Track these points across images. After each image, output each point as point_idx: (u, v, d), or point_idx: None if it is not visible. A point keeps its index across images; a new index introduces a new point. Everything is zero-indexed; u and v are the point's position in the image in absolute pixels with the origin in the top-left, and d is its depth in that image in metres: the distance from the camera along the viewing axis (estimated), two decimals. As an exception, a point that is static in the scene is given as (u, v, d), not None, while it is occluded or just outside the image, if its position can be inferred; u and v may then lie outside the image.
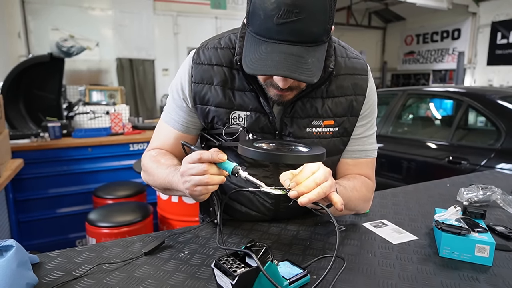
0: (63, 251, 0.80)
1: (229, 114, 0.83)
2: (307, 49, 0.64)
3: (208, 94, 0.82)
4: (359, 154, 0.90)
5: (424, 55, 10.65)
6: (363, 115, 0.87)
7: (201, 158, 0.66)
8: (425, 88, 3.35)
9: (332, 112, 0.83)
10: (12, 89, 2.90)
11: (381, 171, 2.92)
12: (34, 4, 5.06)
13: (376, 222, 0.95)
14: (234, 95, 0.82)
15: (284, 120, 0.82)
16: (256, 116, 0.81)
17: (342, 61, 0.84)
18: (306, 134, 0.83)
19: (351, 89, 0.83)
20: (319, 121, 0.82)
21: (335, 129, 0.84)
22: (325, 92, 0.82)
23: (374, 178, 0.94)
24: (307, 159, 0.61)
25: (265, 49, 0.64)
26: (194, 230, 0.91)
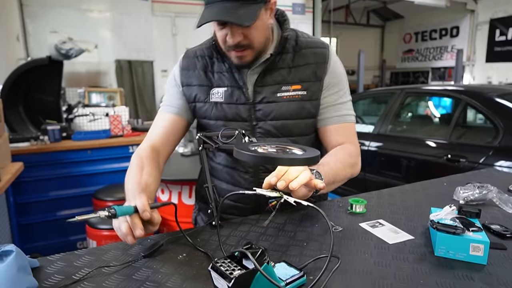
0: (62, 255, 0.81)
1: (209, 91, 1.00)
2: (239, 4, 0.81)
3: (192, 77, 1.02)
4: (337, 119, 1.02)
5: (423, 53, 10.65)
6: (332, 83, 1.00)
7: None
8: (424, 87, 3.36)
9: (298, 78, 0.97)
10: (11, 93, 2.90)
11: (380, 170, 2.93)
12: (33, 7, 5.06)
13: (373, 222, 0.96)
14: (213, 75, 1.01)
15: (256, 89, 0.97)
16: (232, 90, 0.98)
17: (304, 40, 1.01)
18: (277, 98, 0.97)
19: (312, 58, 0.99)
20: (287, 86, 0.96)
21: (303, 92, 0.98)
22: (290, 62, 0.98)
23: (357, 142, 1.05)
24: (302, 162, 0.62)
25: (208, 9, 0.84)
26: (193, 232, 0.92)
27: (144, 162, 0.92)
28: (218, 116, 1.01)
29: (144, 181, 0.86)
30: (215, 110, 1.01)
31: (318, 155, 0.64)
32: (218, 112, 1.00)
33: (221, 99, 0.99)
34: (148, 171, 0.90)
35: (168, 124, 1.03)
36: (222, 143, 0.82)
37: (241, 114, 0.99)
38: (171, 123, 1.03)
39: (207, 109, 1.02)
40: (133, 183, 0.86)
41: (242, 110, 0.99)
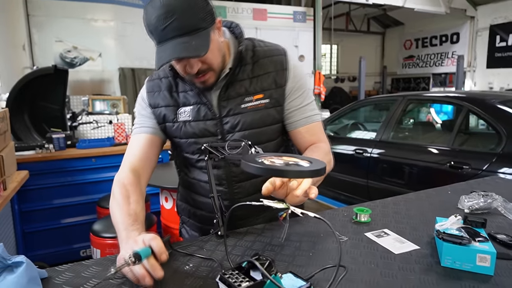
0: (70, 266, 0.81)
1: (176, 111, 1.02)
2: (190, 37, 0.83)
3: (158, 99, 1.03)
4: (305, 120, 1.05)
5: (424, 59, 10.70)
6: (294, 88, 1.03)
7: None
8: (425, 94, 3.37)
9: (260, 87, 1.00)
10: (17, 101, 2.93)
11: (383, 176, 2.93)
12: (39, 17, 5.13)
13: (378, 232, 0.97)
14: (178, 95, 1.02)
15: (221, 104, 0.99)
16: (197, 108, 1.00)
17: (261, 49, 1.03)
18: (242, 110, 0.99)
19: (271, 66, 1.01)
20: (250, 96, 0.99)
21: (266, 100, 1.00)
22: (250, 73, 1.00)
23: (327, 139, 1.09)
24: (309, 174, 0.63)
25: (162, 49, 0.85)
26: (199, 242, 0.93)
27: (128, 190, 0.91)
28: (187, 135, 1.03)
29: (133, 211, 0.86)
30: (184, 129, 1.02)
31: (325, 166, 0.65)
32: (187, 131, 1.02)
33: (188, 118, 1.01)
34: (135, 199, 0.89)
35: (145, 145, 1.03)
36: (228, 154, 0.82)
37: (209, 129, 1.01)
38: (148, 144, 1.03)
39: (176, 128, 1.03)
40: (123, 215, 0.84)
41: (210, 126, 1.01)
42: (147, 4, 0.86)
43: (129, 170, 0.97)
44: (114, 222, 0.86)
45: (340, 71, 12.03)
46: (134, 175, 0.97)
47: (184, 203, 1.20)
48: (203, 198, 1.12)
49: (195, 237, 1.18)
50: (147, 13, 0.85)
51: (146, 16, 0.85)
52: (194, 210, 1.16)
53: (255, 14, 6.80)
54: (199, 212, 1.15)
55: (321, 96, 7.13)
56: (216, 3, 6.65)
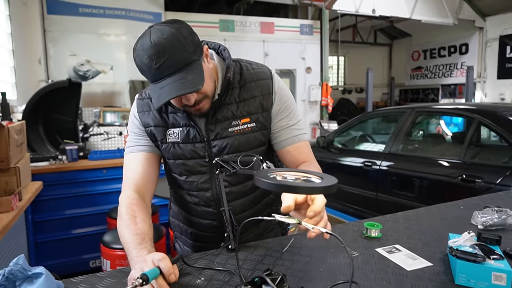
0: (85, 277, 0.83)
1: (165, 132, 1.03)
2: (185, 72, 0.85)
3: (148, 119, 1.04)
4: (293, 139, 1.06)
5: (432, 70, 10.65)
6: (281, 109, 1.05)
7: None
8: (434, 106, 3.35)
9: (246, 111, 1.01)
10: (32, 113, 3.01)
11: (392, 189, 2.90)
12: (54, 32, 5.30)
13: (389, 248, 0.96)
14: (168, 117, 1.03)
15: (209, 127, 1.01)
16: (187, 130, 1.01)
17: (248, 73, 1.04)
18: (229, 133, 1.01)
19: (258, 91, 1.02)
20: (237, 120, 1.01)
21: (252, 124, 1.02)
22: (237, 97, 1.01)
23: (314, 158, 1.10)
24: (320, 190, 0.63)
25: (159, 88, 0.86)
26: (210, 255, 0.94)
27: (135, 210, 0.92)
28: (176, 156, 1.04)
29: (141, 231, 0.86)
30: (172, 150, 1.03)
31: (336, 183, 0.66)
32: (176, 152, 1.03)
33: (177, 139, 1.02)
34: (141, 218, 0.90)
35: (144, 163, 1.03)
36: (240, 169, 0.84)
37: (198, 152, 1.02)
38: (147, 162, 1.03)
39: (164, 149, 1.04)
40: (131, 235, 0.85)
41: (199, 148, 1.02)
42: (137, 45, 0.86)
43: (133, 190, 0.98)
44: (123, 242, 0.87)
45: (347, 82, 12.05)
46: (138, 194, 0.98)
47: (176, 220, 1.22)
48: (193, 218, 1.13)
49: (187, 252, 1.19)
50: (138, 54, 0.85)
51: (138, 57, 0.85)
52: (186, 227, 1.18)
53: (262, 27, 6.90)
54: (190, 230, 1.16)
55: (329, 107, 7.15)
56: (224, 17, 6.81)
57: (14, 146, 1.90)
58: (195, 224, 1.13)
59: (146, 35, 0.84)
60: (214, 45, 1.07)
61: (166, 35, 0.83)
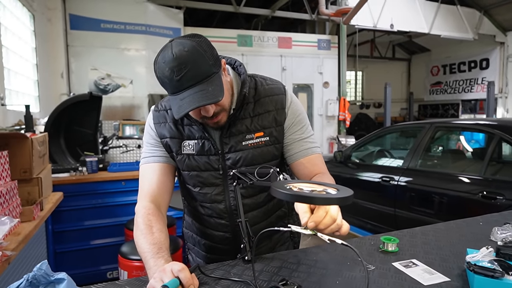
0: (104, 285, 0.85)
1: (180, 144, 1.05)
2: (205, 84, 0.87)
3: (164, 130, 1.06)
4: (306, 152, 1.07)
5: (452, 85, 10.49)
6: (293, 123, 1.07)
7: None
8: (454, 121, 3.30)
9: (260, 126, 1.03)
10: (54, 126, 3.14)
11: (411, 206, 2.84)
12: (77, 47, 5.55)
13: (406, 262, 0.95)
14: (183, 129, 1.05)
15: (223, 140, 1.03)
16: (201, 142, 1.03)
17: (262, 88, 1.06)
18: (243, 147, 1.02)
19: (272, 105, 1.05)
20: (251, 134, 1.03)
21: (266, 138, 1.04)
22: (251, 112, 1.03)
23: (327, 170, 1.10)
24: (337, 201, 0.65)
25: (180, 99, 0.88)
26: (226, 266, 0.95)
27: (151, 220, 0.94)
28: (191, 167, 1.05)
29: (157, 240, 0.88)
30: (187, 161, 1.05)
31: (352, 194, 0.67)
32: (191, 163, 1.05)
33: (192, 151, 1.04)
34: (158, 228, 0.92)
35: (160, 174, 1.05)
36: (257, 180, 0.86)
37: (213, 164, 1.04)
38: (162, 172, 1.05)
39: (179, 160, 1.06)
40: (148, 244, 0.87)
41: (213, 161, 1.04)
42: (158, 57, 0.88)
43: (149, 201, 1.00)
44: (140, 252, 0.89)
45: (365, 97, 12.00)
46: (154, 204, 1.00)
47: (189, 231, 1.24)
48: (207, 229, 1.15)
49: (200, 264, 1.20)
50: (159, 67, 0.87)
51: (159, 69, 0.87)
52: (199, 238, 1.19)
53: (280, 42, 7.02)
54: (203, 241, 1.18)
55: (346, 122, 7.11)
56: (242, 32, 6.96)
57: (37, 157, 1.98)
58: (208, 235, 1.15)
59: (167, 48, 0.87)
60: (230, 60, 1.10)
61: (188, 48, 0.85)
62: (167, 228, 0.97)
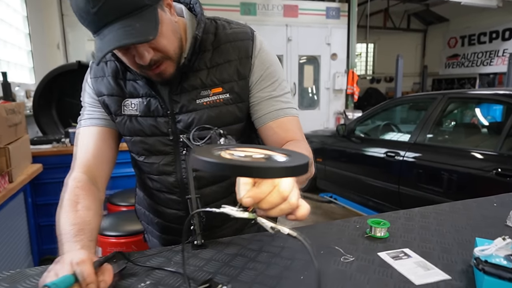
0: (12, 273, 0.69)
1: (121, 102, 0.86)
2: (132, 18, 0.66)
3: (102, 86, 0.87)
4: (277, 113, 0.85)
5: (470, 58, 9.89)
6: (262, 77, 0.85)
7: None
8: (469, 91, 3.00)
9: (218, 79, 0.83)
10: (44, 96, 2.99)
11: (417, 183, 2.62)
12: (73, 17, 5.27)
13: (395, 252, 0.75)
14: (125, 84, 0.86)
15: (173, 98, 0.83)
16: (147, 101, 0.84)
17: (223, 33, 0.85)
18: (197, 106, 0.83)
19: (234, 54, 0.83)
20: (207, 90, 0.83)
21: (225, 95, 0.84)
22: (208, 62, 0.83)
23: (305, 138, 0.87)
24: (280, 172, 0.44)
25: (100, 39, 0.68)
26: (169, 252, 0.77)
27: (78, 195, 0.76)
28: (133, 132, 0.86)
29: (80, 220, 0.71)
30: (129, 124, 0.86)
31: (308, 162, 0.46)
32: (133, 127, 0.86)
33: (135, 112, 0.85)
34: (85, 205, 0.74)
35: (98, 139, 0.86)
36: (193, 146, 0.66)
37: (160, 128, 0.85)
38: (101, 138, 0.87)
39: (119, 123, 0.87)
40: (67, 224, 0.70)
41: (161, 123, 0.85)
42: None
43: (81, 171, 0.82)
44: (58, 233, 0.71)
45: (376, 71, 11.48)
46: (88, 176, 0.82)
47: (142, 207, 1.06)
48: (158, 206, 0.96)
49: (156, 246, 1.03)
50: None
51: (72, 1, 0.68)
52: (152, 216, 1.01)
53: (285, 10, 6.58)
54: (156, 220, 1.00)
55: (354, 96, 6.77)
56: (245, 0, 6.55)
57: (5, 127, 1.82)
58: (161, 213, 0.97)
59: None
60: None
61: None
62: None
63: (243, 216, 0.49)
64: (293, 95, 6.67)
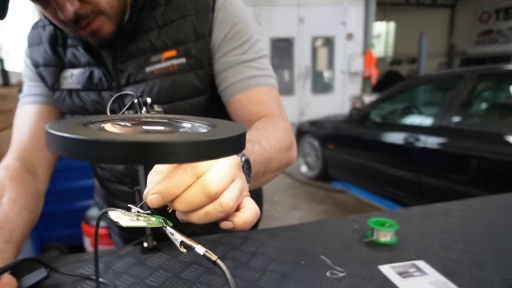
0: None
1: (58, 74, 0.71)
2: None
3: (38, 55, 0.72)
4: (247, 82, 0.65)
5: (506, 33, 9.09)
6: (227, 36, 0.66)
7: None
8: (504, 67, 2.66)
9: (171, 40, 0.65)
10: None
11: (441, 171, 2.37)
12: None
13: (404, 266, 0.55)
14: (65, 52, 0.70)
15: (118, 66, 0.66)
16: (89, 72, 0.68)
17: None
18: (146, 75, 0.65)
19: (190, 7, 0.66)
20: (158, 55, 0.65)
21: (180, 60, 0.65)
22: (160, 19, 0.66)
23: (286, 115, 0.68)
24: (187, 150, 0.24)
25: None
26: (111, 256, 0.60)
27: (5, 186, 0.62)
28: (73, 109, 0.71)
29: (2, 216, 0.56)
30: (68, 100, 0.70)
31: (240, 135, 0.27)
32: (74, 104, 0.70)
33: (76, 85, 0.69)
34: (10, 198, 0.60)
35: (37, 119, 0.73)
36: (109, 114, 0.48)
37: (105, 103, 0.69)
38: (41, 117, 0.73)
39: (57, 99, 0.72)
40: None
41: (106, 99, 0.68)
42: None
43: (15, 157, 0.68)
44: None
45: (397, 52, 10.86)
46: (22, 162, 0.67)
47: (100, 200, 0.89)
48: (112, 199, 0.80)
49: (119, 245, 0.88)
50: None
51: None
52: None
53: (298, -12, 6.23)
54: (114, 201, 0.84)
55: (372, 79, 6.39)
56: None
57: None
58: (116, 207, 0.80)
59: None
60: None
61: None
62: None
63: (138, 225, 0.30)
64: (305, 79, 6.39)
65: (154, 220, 0.31)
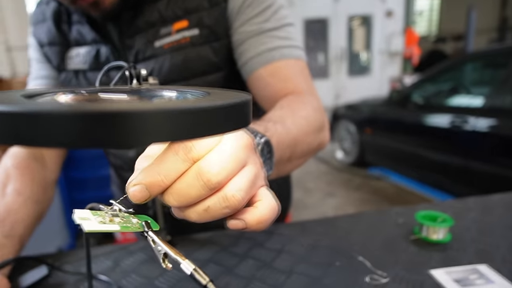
0: None
1: (63, 54, 0.66)
2: None
3: (42, 33, 0.67)
4: (270, 55, 0.56)
5: None
6: (247, 3, 0.57)
7: None
8: None
9: (182, 9, 0.57)
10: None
11: (493, 156, 2.15)
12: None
13: (463, 270, 0.45)
14: (70, 29, 0.64)
15: (125, 42, 0.60)
16: (96, 49, 0.62)
17: None
18: (156, 50, 0.58)
19: None
20: (167, 27, 0.57)
21: (193, 32, 0.57)
22: None
23: (316, 92, 0.58)
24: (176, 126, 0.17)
25: None
26: (121, 252, 0.56)
27: (11, 175, 0.58)
28: None
29: (4, 208, 0.53)
30: (75, 82, 0.65)
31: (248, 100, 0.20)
32: (80, 86, 0.65)
33: (83, 65, 0.63)
34: (15, 189, 0.56)
35: None
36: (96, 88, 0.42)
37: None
38: None
39: (64, 81, 0.67)
40: None
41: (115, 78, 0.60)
42: None
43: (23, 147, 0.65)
44: None
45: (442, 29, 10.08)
46: (30, 154, 0.63)
47: (117, 189, 0.85)
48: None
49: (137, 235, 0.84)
50: None
51: None
52: None
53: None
54: None
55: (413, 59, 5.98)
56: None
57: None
58: None
59: None
60: None
61: None
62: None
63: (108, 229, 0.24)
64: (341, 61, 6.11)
65: (135, 222, 0.25)
